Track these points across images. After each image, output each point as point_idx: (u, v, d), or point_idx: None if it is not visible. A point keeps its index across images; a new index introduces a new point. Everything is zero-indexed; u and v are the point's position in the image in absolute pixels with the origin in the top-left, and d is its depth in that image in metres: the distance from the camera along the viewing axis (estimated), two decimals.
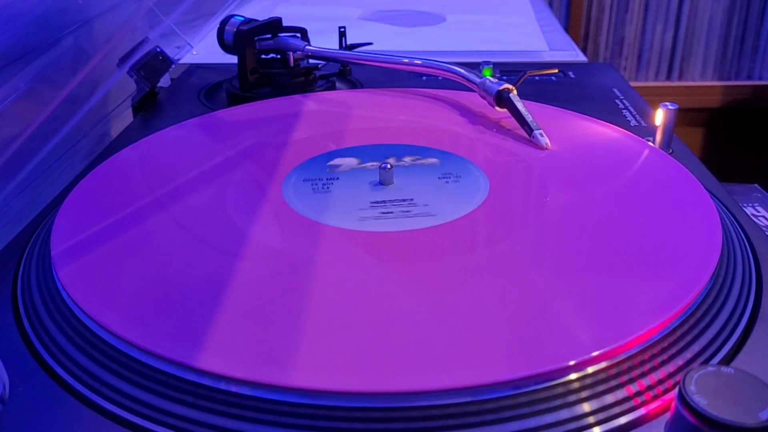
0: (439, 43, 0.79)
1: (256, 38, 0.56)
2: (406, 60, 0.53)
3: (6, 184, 0.38)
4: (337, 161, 0.41)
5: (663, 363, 0.25)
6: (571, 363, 0.24)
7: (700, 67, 1.46)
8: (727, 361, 0.27)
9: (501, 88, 0.45)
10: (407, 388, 0.23)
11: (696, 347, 0.26)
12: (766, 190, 0.52)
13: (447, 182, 0.38)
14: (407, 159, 0.41)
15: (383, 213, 0.35)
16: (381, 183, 0.38)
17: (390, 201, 0.36)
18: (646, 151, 0.41)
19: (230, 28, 0.56)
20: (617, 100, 0.56)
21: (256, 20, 0.57)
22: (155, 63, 0.56)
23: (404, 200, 0.36)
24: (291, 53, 0.56)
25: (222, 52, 0.57)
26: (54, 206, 0.39)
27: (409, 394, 0.23)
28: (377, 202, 0.36)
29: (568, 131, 0.44)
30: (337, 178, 0.38)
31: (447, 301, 0.28)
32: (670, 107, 0.43)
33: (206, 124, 0.47)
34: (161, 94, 0.59)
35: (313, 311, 0.27)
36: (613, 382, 0.24)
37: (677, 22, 1.43)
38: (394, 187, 0.37)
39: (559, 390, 0.24)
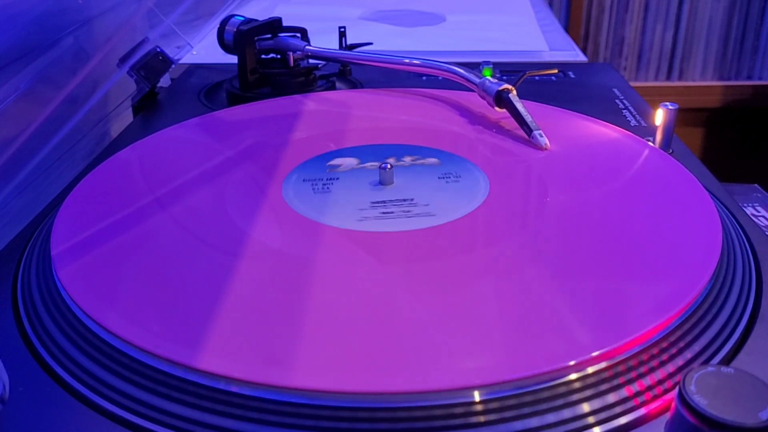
0: (439, 43, 0.79)
1: (256, 38, 0.56)
2: (406, 60, 0.53)
3: (6, 184, 0.38)
4: (337, 161, 0.41)
5: (663, 363, 0.25)
6: (571, 363, 0.24)
7: (700, 67, 1.46)
8: (727, 361, 0.27)
9: (500, 88, 0.45)
10: (408, 388, 0.23)
11: (696, 347, 0.26)
12: (766, 190, 0.52)
13: (447, 182, 0.38)
14: (407, 159, 0.41)
15: (383, 213, 0.35)
16: (381, 183, 0.38)
17: (390, 201, 0.36)
18: (646, 151, 0.41)
19: (230, 28, 0.56)
20: (617, 100, 0.56)
21: (256, 20, 0.57)
22: (155, 63, 0.56)
23: (404, 200, 0.36)
24: (291, 53, 0.56)
25: (222, 52, 0.57)
26: (54, 206, 0.39)
27: (410, 395, 0.23)
28: (377, 202, 0.36)
29: (568, 131, 0.44)
30: (337, 178, 0.38)
31: (447, 301, 0.28)
32: (670, 107, 0.43)
33: (206, 124, 0.47)
34: (161, 94, 0.59)
35: (314, 311, 0.27)
36: (614, 382, 0.24)
37: (677, 22, 1.43)
38: (394, 187, 0.37)
39: (560, 390, 0.24)
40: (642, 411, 0.24)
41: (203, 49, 0.73)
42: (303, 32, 0.57)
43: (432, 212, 0.34)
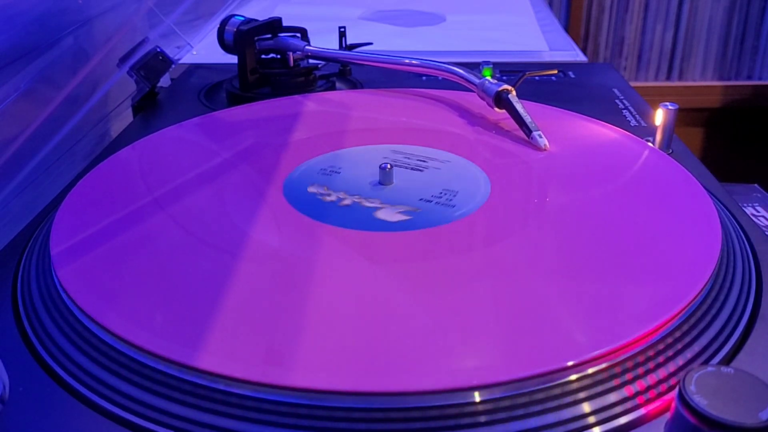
0: (439, 43, 0.79)
1: (256, 38, 0.56)
2: (405, 60, 0.53)
3: (6, 184, 0.38)
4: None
5: (663, 363, 0.25)
6: (571, 363, 0.24)
7: (700, 67, 1.46)
8: (727, 361, 0.27)
9: (500, 89, 0.45)
10: (407, 388, 0.23)
11: (696, 347, 0.26)
12: (766, 190, 0.52)
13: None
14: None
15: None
16: (381, 183, 0.38)
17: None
18: (646, 152, 0.41)
19: (230, 28, 0.56)
20: (617, 100, 0.56)
21: (256, 20, 0.57)
22: (155, 63, 0.56)
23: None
24: (291, 53, 0.56)
25: (222, 52, 0.57)
26: (54, 206, 0.39)
27: (409, 395, 0.23)
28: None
29: (568, 132, 0.44)
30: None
31: (447, 301, 0.28)
32: (670, 107, 0.43)
33: (206, 124, 0.47)
34: (161, 94, 0.59)
35: (313, 311, 0.27)
36: (613, 382, 0.24)
37: (677, 22, 1.43)
38: (394, 187, 0.37)
39: (559, 390, 0.24)
40: (642, 411, 0.24)
41: (203, 49, 0.73)
42: (303, 32, 0.57)
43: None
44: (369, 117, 0.48)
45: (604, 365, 0.25)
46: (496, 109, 0.46)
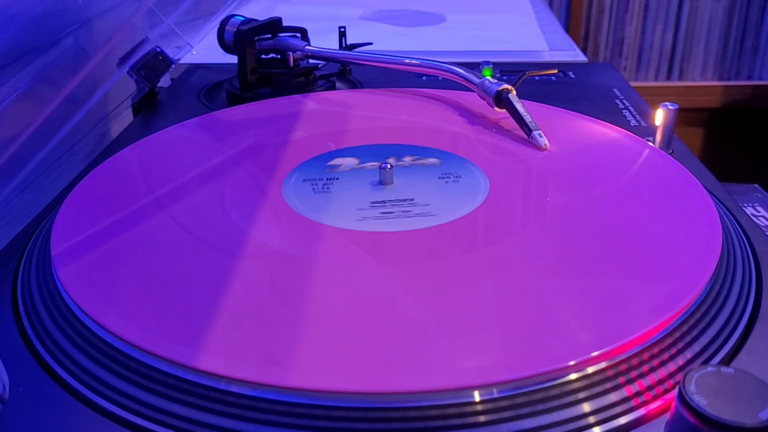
0: (439, 43, 0.79)
1: (256, 38, 0.56)
2: (406, 60, 0.53)
3: (6, 184, 0.38)
4: (337, 161, 0.41)
5: (663, 363, 0.25)
6: (571, 363, 0.24)
7: (700, 67, 1.46)
8: (727, 361, 0.27)
9: (500, 88, 0.45)
10: (407, 388, 0.23)
11: (696, 347, 0.26)
12: (766, 190, 0.52)
13: (447, 182, 0.38)
14: (407, 159, 0.41)
15: (383, 213, 0.35)
16: (381, 183, 0.38)
17: (390, 201, 0.36)
18: (646, 151, 0.41)
19: (230, 28, 0.56)
20: (617, 100, 0.56)
21: (256, 20, 0.57)
22: (155, 63, 0.56)
23: (404, 200, 0.36)
24: (291, 53, 0.56)
25: (222, 52, 0.57)
26: (54, 206, 0.39)
27: (409, 395, 0.23)
28: (377, 202, 0.36)
29: (568, 131, 0.44)
30: (337, 178, 0.38)
31: (447, 301, 0.28)
32: (670, 107, 0.43)
33: (206, 124, 0.47)
34: (161, 94, 0.59)
35: (313, 311, 0.27)
36: (613, 382, 0.24)
37: (677, 22, 1.43)
38: (394, 187, 0.37)
39: (559, 390, 0.24)
40: (642, 411, 0.24)
41: (203, 49, 0.73)
42: (303, 32, 0.57)
43: (432, 212, 0.34)
44: (369, 117, 0.48)
45: (604, 365, 0.25)
46: (496, 108, 0.46)
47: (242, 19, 0.56)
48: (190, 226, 0.34)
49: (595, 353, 0.24)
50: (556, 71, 0.55)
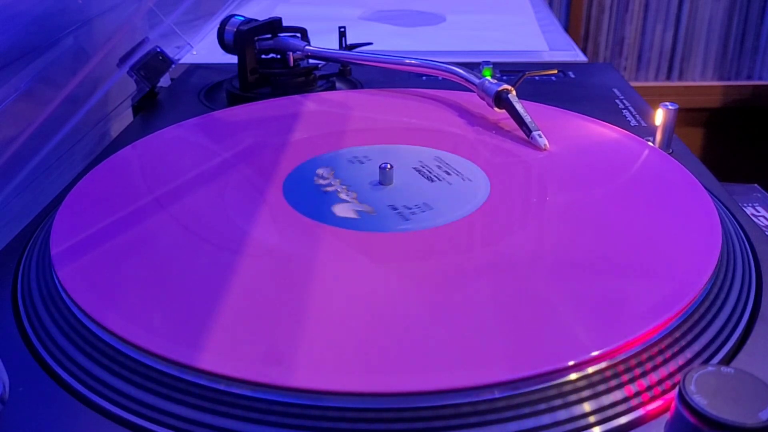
0: (439, 43, 0.79)
1: (256, 38, 0.56)
2: (405, 60, 0.53)
3: (6, 184, 0.38)
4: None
5: (663, 363, 0.25)
6: (571, 363, 0.24)
7: (700, 67, 1.46)
8: (727, 361, 0.27)
9: (500, 89, 0.45)
10: (407, 388, 0.23)
11: (696, 347, 0.26)
12: (766, 190, 0.51)
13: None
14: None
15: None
16: (381, 183, 0.38)
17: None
18: (646, 151, 0.41)
19: (230, 28, 0.56)
20: (617, 100, 0.56)
21: (256, 20, 0.57)
22: (155, 63, 0.56)
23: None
24: (291, 53, 0.56)
25: (222, 52, 0.57)
26: (54, 206, 0.39)
27: (409, 395, 0.23)
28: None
29: (568, 131, 0.44)
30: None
31: (447, 301, 0.28)
32: (670, 107, 0.43)
33: (206, 124, 0.47)
34: (161, 94, 0.59)
35: (314, 311, 0.27)
36: (613, 382, 0.24)
37: (677, 22, 1.43)
38: (394, 187, 0.37)
39: (559, 390, 0.24)
40: (642, 411, 0.24)
41: (203, 49, 0.73)
42: (303, 32, 0.57)
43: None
44: (369, 117, 0.48)
45: (604, 365, 0.25)
46: (496, 109, 0.46)
47: (242, 19, 0.56)
48: (190, 226, 0.34)
49: (595, 353, 0.24)
50: (556, 71, 0.55)
